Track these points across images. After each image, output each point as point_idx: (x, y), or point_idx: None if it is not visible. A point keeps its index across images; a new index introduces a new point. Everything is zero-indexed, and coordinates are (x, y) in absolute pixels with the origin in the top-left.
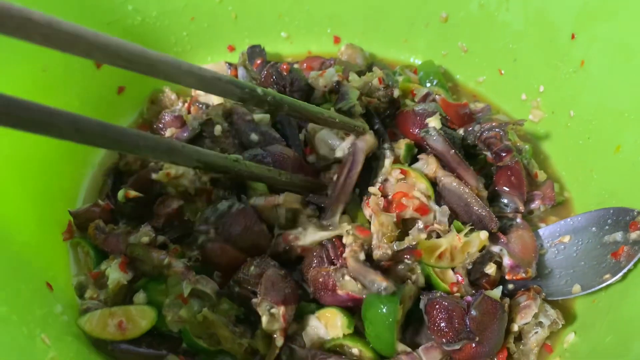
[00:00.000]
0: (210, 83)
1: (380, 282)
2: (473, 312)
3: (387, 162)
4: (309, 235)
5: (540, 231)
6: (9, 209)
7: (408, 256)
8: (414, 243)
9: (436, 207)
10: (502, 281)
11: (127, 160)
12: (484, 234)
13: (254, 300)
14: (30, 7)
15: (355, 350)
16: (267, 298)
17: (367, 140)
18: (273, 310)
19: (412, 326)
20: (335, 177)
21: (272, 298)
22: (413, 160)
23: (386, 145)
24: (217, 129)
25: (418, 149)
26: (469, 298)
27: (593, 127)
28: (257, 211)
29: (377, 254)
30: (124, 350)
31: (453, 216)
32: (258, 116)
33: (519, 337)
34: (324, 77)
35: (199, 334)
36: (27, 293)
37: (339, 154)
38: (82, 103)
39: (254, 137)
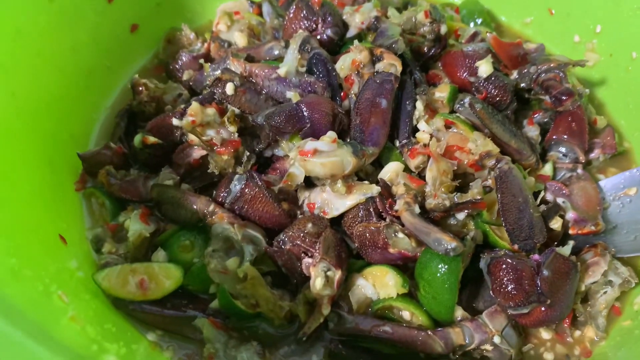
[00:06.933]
0: None
1: (449, 242)
2: (545, 272)
3: (419, 104)
4: (340, 202)
5: (601, 183)
6: (17, 150)
7: (468, 210)
8: (478, 197)
9: None
10: (563, 237)
11: (141, 99)
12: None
13: (307, 260)
14: None
15: (406, 314)
16: (326, 259)
17: None
18: (329, 273)
19: (467, 288)
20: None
21: (330, 260)
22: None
23: (418, 90)
24: (229, 87)
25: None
26: (536, 257)
27: None
28: (274, 191)
29: (431, 203)
30: (146, 311)
31: None
32: (282, 70)
33: (585, 299)
34: (361, 12)
35: (237, 294)
36: (38, 245)
37: None
38: (93, 41)
39: (289, 94)
